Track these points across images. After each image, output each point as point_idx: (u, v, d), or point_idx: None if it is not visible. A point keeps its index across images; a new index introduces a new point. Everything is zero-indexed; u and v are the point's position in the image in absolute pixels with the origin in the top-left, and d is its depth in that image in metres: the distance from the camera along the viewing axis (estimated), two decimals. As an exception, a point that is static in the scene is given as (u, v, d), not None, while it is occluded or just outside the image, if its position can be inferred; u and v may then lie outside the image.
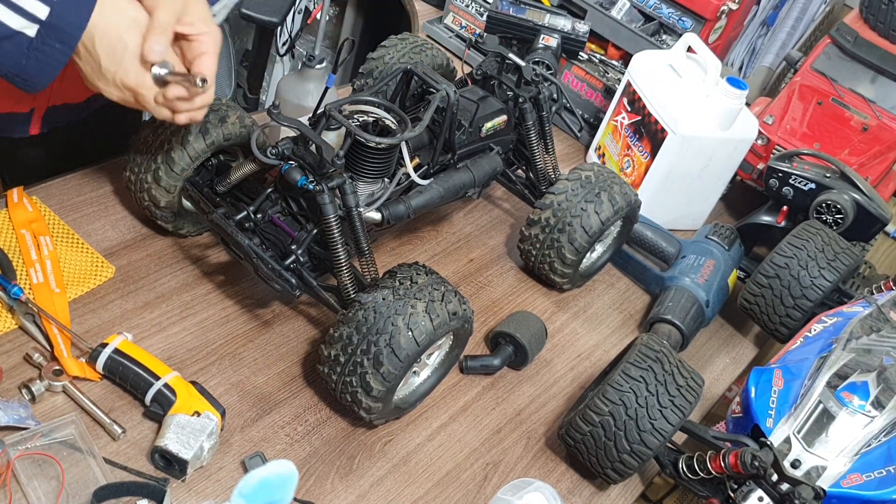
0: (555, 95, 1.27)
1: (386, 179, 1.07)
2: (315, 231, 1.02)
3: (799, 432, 0.98)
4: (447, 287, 0.97)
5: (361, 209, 1.02)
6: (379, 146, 1.00)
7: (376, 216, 1.05)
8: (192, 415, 0.91)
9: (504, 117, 1.22)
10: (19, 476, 0.84)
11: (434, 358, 1.05)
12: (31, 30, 0.86)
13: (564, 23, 1.43)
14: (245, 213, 1.02)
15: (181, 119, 0.93)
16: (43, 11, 0.85)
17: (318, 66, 1.24)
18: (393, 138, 1.00)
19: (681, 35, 1.46)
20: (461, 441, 1.06)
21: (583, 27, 1.44)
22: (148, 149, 1.06)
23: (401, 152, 1.05)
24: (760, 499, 0.94)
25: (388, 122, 1.04)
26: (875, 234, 1.36)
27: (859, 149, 1.50)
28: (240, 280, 1.13)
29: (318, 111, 1.04)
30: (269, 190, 1.04)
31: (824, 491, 0.93)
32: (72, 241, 1.09)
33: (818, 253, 1.22)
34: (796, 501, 0.91)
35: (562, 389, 1.17)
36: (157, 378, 0.93)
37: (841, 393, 0.99)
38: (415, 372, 1.03)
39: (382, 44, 1.32)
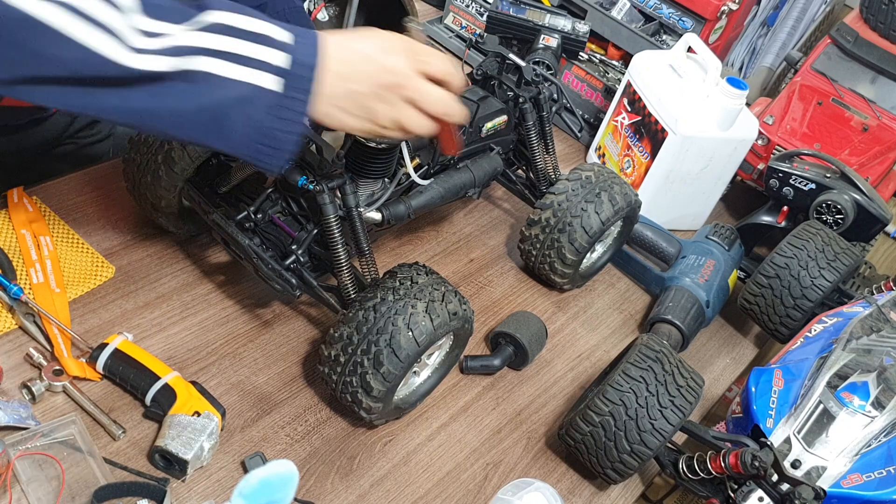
0: (555, 96, 1.27)
1: (386, 179, 1.06)
2: (315, 231, 1.02)
3: (799, 432, 0.98)
4: (447, 287, 0.97)
5: (361, 209, 1.02)
6: (379, 146, 1.00)
7: (376, 216, 1.05)
8: (192, 415, 0.91)
9: (504, 117, 1.22)
10: (19, 476, 0.84)
11: (434, 358, 1.05)
12: (276, 84, 0.75)
13: (564, 23, 1.43)
14: (245, 213, 1.02)
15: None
16: (274, 55, 0.75)
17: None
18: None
19: (681, 35, 1.46)
20: (461, 441, 1.06)
21: (583, 27, 1.44)
22: (148, 148, 1.06)
23: (401, 152, 1.05)
24: (760, 499, 0.94)
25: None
26: (875, 235, 1.36)
27: (859, 149, 1.50)
28: (240, 280, 1.13)
29: (319, 111, 1.04)
30: (270, 190, 1.04)
31: (824, 491, 0.93)
32: (72, 241, 1.09)
33: (818, 253, 1.22)
34: (796, 502, 0.91)
35: (562, 389, 1.17)
36: (157, 378, 0.93)
37: (841, 393, 0.99)
38: (415, 372, 1.03)
39: (383, 44, 1.32)
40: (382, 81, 0.80)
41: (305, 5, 2.45)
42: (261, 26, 0.76)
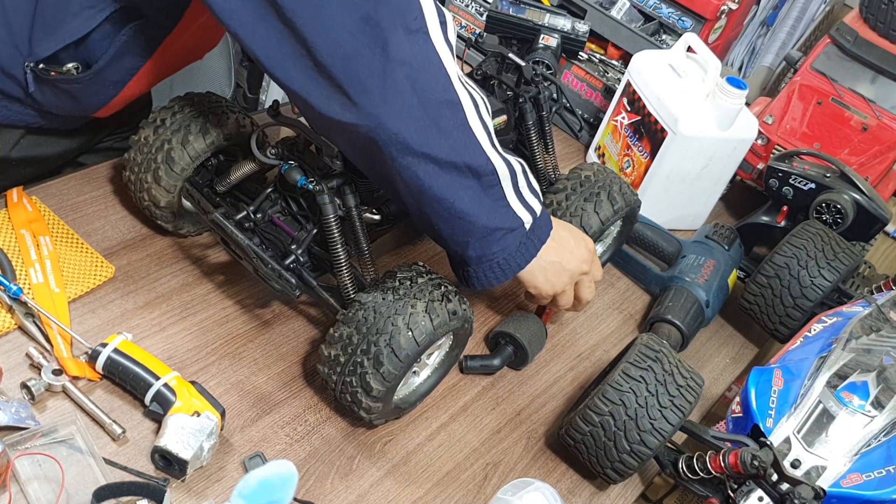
0: (555, 95, 1.27)
1: (386, 179, 1.06)
2: (315, 231, 1.02)
3: (799, 432, 0.98)
4: (447, 287, 0.97)
5: (361, 209, 1.01)
6: None
7: (376, 216, 1.05)
8: (192, 415, 0.91)
9: (504, 117, 1.22)
10: (19, 476, 0.84)
11: (434, 358, 1.05)
12: (528, 223, 0.98)
13: (564, 23, 1.43)
14: (245, 213, 1.02)
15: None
16: (537, 206, 0.99)
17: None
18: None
19: (681, 35, 1.46)
20: (461, 441, 1.06)
21: (583, 27, 1.44)
22: (148, 148, 1.06)
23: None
24: (760, 499, 0.94)
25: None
26: (875, 234, 1.36)
27: (859, 148, 1.50)
28: (240, 280, 1.13)
29: (318, 111, 1.04)
30: (269, 190, 1.04)
31: (824, 491, 0.93)
32: (72, 241, 1.09)
33: (818, 253, 1.22)
34: (796, 501, 0.91)
35: (562, 389, 1.17)
36: (157, 378, 0.93)
37: (841, 393, 0.99)
38: (415, 372, 1.03)
39: (382, 44, 1.32)
40: (575, 269, 1.04)
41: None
42: (536, 183, 1.01)
